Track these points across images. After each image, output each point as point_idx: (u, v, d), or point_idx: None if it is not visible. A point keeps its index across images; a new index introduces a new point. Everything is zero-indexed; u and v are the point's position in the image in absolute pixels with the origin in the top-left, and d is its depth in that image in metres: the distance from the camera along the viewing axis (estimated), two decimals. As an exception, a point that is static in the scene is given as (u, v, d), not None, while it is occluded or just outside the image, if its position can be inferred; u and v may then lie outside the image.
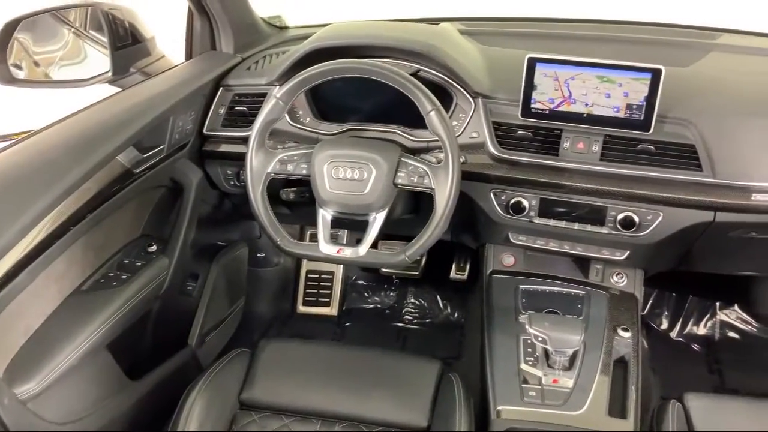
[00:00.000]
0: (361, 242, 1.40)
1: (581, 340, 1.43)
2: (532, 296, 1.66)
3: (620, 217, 1.49)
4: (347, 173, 1.38)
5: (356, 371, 1.48)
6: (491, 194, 1.57)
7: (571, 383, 1.42)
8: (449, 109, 1.58)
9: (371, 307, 2.50)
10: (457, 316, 2.42)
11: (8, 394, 1.20)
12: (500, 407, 1.40)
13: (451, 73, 1.56)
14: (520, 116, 1.50)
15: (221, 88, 1.74)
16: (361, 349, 1.62)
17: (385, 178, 1.37)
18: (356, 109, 1.68)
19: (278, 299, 2.45)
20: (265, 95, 1.67)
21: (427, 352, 2.24)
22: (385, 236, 2.20)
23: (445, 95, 1.57)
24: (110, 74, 1.67)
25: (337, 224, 1.48)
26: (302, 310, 2.47)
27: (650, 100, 1.39)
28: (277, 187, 1.65)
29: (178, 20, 1.90)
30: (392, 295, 2.50)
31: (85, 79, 1.70)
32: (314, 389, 1.43)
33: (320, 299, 2.48)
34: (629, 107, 1.42)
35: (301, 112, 1.67)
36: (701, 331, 2.26)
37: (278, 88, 1.41)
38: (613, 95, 1.42)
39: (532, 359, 1.48)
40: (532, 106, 1.48)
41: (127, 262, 1.54)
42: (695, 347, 2.23)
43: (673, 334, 2.27)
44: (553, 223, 1.56)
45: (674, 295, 2.29)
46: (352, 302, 2.51)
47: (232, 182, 1.79)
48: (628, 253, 1.58)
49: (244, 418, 1.38)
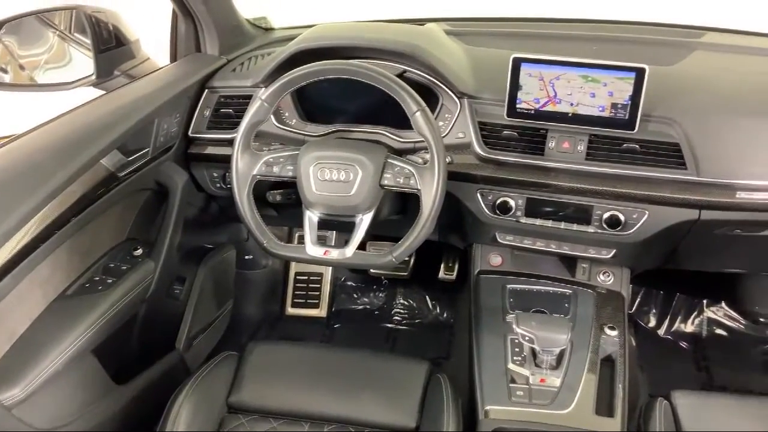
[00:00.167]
0: (348, 244, 1.40)
1: (568, 339, 1.43)
2: (519, 296, 1.66)
3: (606, 216, 1.50)
4: (333, 175, 1.38)
5: (344, 373, 1.47)
6: (478, 194, 1.58)
7: (558, 382, 1.42)
8: (435, 109, 1.58)
9: (360, 308, 2.50)
10: (446, 316, 2.42)
11: (-7, 400, 1.19)
12: (488, 407, 1.40)
13: (436, 73, 1.56)
14: (505, 116, 1.50)
15: (206, 90, 1.73)
16: (349, 350, 1.61)
17: (371, 179, 1.37)
18: (343, 110, 1.68)
19: (267, 301, 2.44)
20: (250, 97, 1.66)
21: (416, 352, 2.24)
22: (373, 237, 2.21)
23: (431, 96, 1.58)
24: (94, 77, 1.66)
25: (324, 226, 1.47)
26: (291, 312, 2.46)
27: (635, 99, 1.40)
28: (263, 189, 1.65)
29: (163, 22, 1.89)
30: (381, 296, 2.50)
31: (68, 82, 1.69)
32: (302, 391, 1.43)
33: (309, 301, 2.48)
34: (614, 106, 1.42)
35: (287, 113, 1.67)
36: (689, 328, 2.27)
37: (263, 89, 1.40)
38: (597, 95, 1.42)
39: (519, 359, 1.48)
40: (517, 106, 1.48)
41: (112, 266, 1.53)
42: (683, 345, 2.24)
43: (660, 331, 2.28)
44: (539, 222, 1.56)
45: (662, 293, 2.30)
46: (341, 303, 2.50)
47: (218, 185, 1.78)
48: (614, 251, 1.58)
49: (232, 421, 1.38)
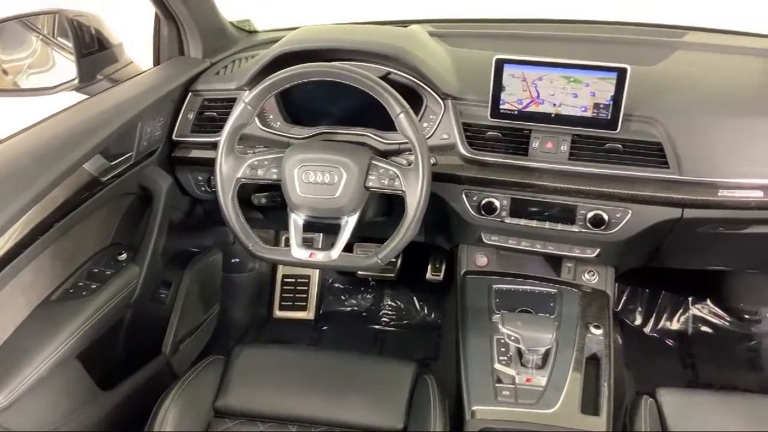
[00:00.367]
0: (333, 246, 1.39)
1: (553, 338, 1.43)
2: (505, 296, 1.67)
3: (590, 215, 1.51)
4: (318, 177, 1.38)
5: (331, 375, 1.47)
6: (463, 195, 1.58)
7: (544, 381, 1.43)
8: (420, 111, 1.58)
9: (348, 310, 2.50)
10: (433, 316, 2.43)
11: (-24, 408, 1.18)
12: (475, 407, 1.41)
13: (420, 75, 1.57)
14: (489, 117, 1.51)
15: (190, 93, 1.72)
16: (336, 353, 1.61)
17: (355, 181, 1.37)
18: (327, 112, 1.68)
19: (254, 304, 2.44)
20: (234, 100, 1.66)
21: (404, 353, 2.25)
22: (360, 239, 2.21)
23: (415, 97, 1.58)
24: (76, 81, 1.65)
25: (310, 228, 1.47)
26: (278, 314, 2.46)
27: (617, 99, 1.41)
28: (249, 192, 1.65)
29: (147, 26, 1.88)
30: (369, 297, 2.50)
31: (51, 86, 1.68)
32: (289, 394, 1.42)
33: (296, 303, 2.47)
34: (596, 106, 1.43)
35: (271, 116, 1.67)
36: (674, 326, 2.29)
37: (247, 92, 1.40)
38: (580, 95, 1.43)
39: (505, 359, 1.48)
40: (500, 107, 1.49)
41: (96, 271, 1.52)
42: (669, 342, 2.25)
43: (646, 329, 2.29)
44: (524, 222, 1.57)
45: (647, 291, 2.32)
46: (328, 306, 2.50)
47: (203, 188, 1.77)
48: (598, 250, 1.59)
49: (218, 425, 1.37)
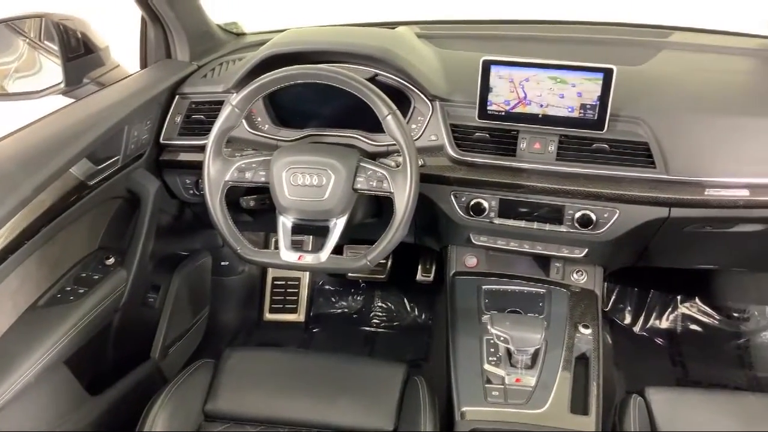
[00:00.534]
0: (322, 248, 1.39)
1: (542, 338, 1.44)
2: (494, 296, 1.67)
3: (578, 215, 1.51)
4: (306, 179, 1.37)
5: (321, 378, 1.47)
6: (451, 196, 1.58)
7: (533, 382, 1.43)
8: (408, 112, 1.58)
9: (339, 312, 2.49)
10: (424, 317, 2.43)
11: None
12: (464, 408, 1.41)
13: (408, 76, 1.57)
14: (477, 118, 1.51)
15: (177, 96, 1.72)
16: (326, 355, 1.61)
17: (344, 183, 1.37)
18: (316, 114, 1.68)
19: (244, 307, 2.43)
20: (222, 103, 1.64)
21: (395, 355, 2.24)
22: (351, 240, 2.21)
23: (403, 99, 1.58)
24: (63, 85, 1.64)
25: (300, 231, 1.47)
26: (269, 317, 2.45)
27: (603, 99, 1.42)
28: (238, 194, 1.64)
29: (134, 29, 1.88)
30: (359, 299, 2.50)
31: (37, 90, 1.67)
32: (279, 397, 1.42)
33: (287, 306, 2.47)
34: (583, 107, 1.44)
35: (259, 119, 1.66)
36: (664, 324, 2.30)
37: (234, 95, 1.40)
38: (566, 95, 1.44)
39: (494, 359, 1.49)
40: (488, 108, 1.50)
41: (84, 275, 1.51)
42: (658, 341, 2.27)
43: (636, 328, 2.30)
44: (512, 223, 1.57)
45: (636, 290, 2.33)
46: (319, 308, 2.50)
47: (191, 191, 1.77)
48: (586, 250, 1.60)
49: (209, 429, 1.36)
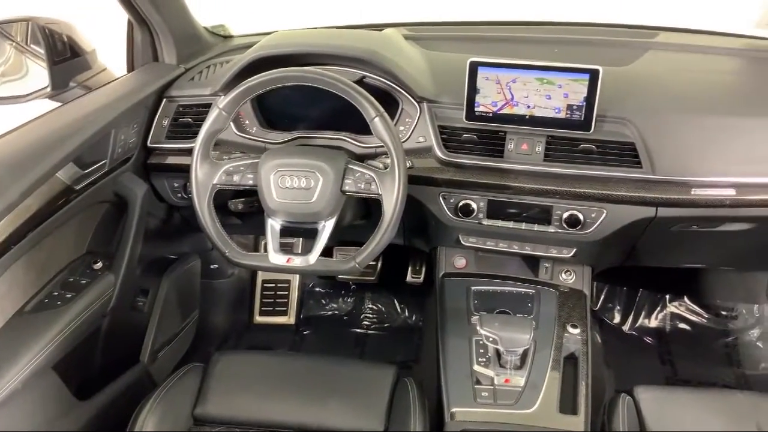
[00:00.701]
0: (311, 251, 1.39)
1: (531, 338, 1.44)
2: (483, 297, 1.68)
3: (565, 215, 1.52)
4: (294, 182, 1.37)
5: (311, 380, 1.47)
6: (440, 197, 1.59)
7: (522, 382, 1.44)
8: (395, 114, 1.59)
9: (329, 314, 2.49)
10: (414, 319, 2.43)
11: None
12: (454, 409, 1.41)
13: (395, 78, 1.57)
14: (464, 119, 1.52)
15: (164, 99, 1.71)
16: (315, 357, 1.61)
17: (332, 185, 1.37)
18: (304, 117, 1.67)
19: (234, 310, 2.43)
20: (209, 105, 1.64)
21: (386, 356, 2.25)
22: (341, 242, 2.21)
23: (391, 101, 1.58)
24: (49, 89, 1.63)
25: (288, 233, 1.47)
26: (259, 320, 2.45)
27: (589, 100, 1.42)
28: (226, 197, 1.64)
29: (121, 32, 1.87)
30: (350, 301, 2.50)
31: (23, 95, 1.66)
32: (269, 400, 1.42)
33: (277, 308, 2.46)
34: (569, 108, 1.44)
35: (247, 121, 1.66)
36: (653, 323, 2.32)
37: (222, 98, 1.39)
38: (553, 96, 1.45)
39: (484, 360, 1.49)
40: (475, 109, 1.50)
41: (71, 280, 1.51)
42: (647, 340, 2.28)
43: (625, 327, 2.31)
44: (501, 224, 1.58)
45: (625, 289, 2.34)
46: (309, 310, 2.50)
47: (179, 195, 1.76)
48: (574, 250, 1.60)
49: None
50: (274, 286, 2.48)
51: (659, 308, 2.32)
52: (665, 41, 1.80)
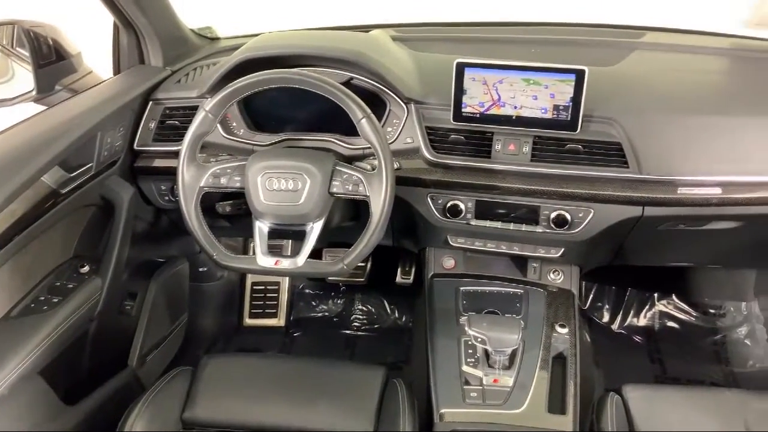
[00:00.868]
0: (299, 253, 1.39)
1: (519, 338, 1.44)
2: (472, 297, 1.68)
3: (553, 215, 1.53)
4: (281, 184, 1.37)
5: (300, 382, 1.46)
6: (428, 198, 1.59)
7: (511, 382, 1.44)
8: (383, 115, 1.59)
9: (319, 315, 2.49)
10: (404, 320, 2.43)
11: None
12: (443, 410, 1.41)
13: (382, 80, 1.57)
14: (452, 120, 1.52)
15: (151, 102, 1.71)
16: (305, 359, 1.60)
17: (319, 187, 1.37)
18: (291, 119, 1.67)
19: (224, 313, 2.42)
20: (196, 108, 1.63)
21: (376, 357, 2.25)
22: (331, 244, 2.20)
23: (378, 102, 1.58)
24: (34, 93, 1.62)
25: (277, 235, 1.46)
26: (249, 322, 2.44)
27: (576, 100, 1.43)
28: (214, 200, 1.63)
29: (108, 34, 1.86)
30: (339, 302, 2.50)
31: (9, 98, 1.65)
32: (258, 403, 1.41)
33: (267, 311, 2.46)
34: (556, 108, 1.45)
35: (234, 123, 1.66)
36: (641, 322, 2.32)
37: (208, 100, 1.39)
38: (540, 97, 1.45)
39: (473, 360, 1.49)
40: (462, 110, 1.50)
41: (58, 284, 1.50)
42: (636, 338, 2.29)
43: (614, 326, 2.32)
44: (489, 224, 1.58)
45: (614, 288, 2.35)
46: (299, 312, 2.49)
47: (166, 197, 1.75)
48: (562, 250, 1.61)
49: None
50: (263, 288, 2.47)
51: (648, 307, 2.33)
52: (651, 41, 1.81)
